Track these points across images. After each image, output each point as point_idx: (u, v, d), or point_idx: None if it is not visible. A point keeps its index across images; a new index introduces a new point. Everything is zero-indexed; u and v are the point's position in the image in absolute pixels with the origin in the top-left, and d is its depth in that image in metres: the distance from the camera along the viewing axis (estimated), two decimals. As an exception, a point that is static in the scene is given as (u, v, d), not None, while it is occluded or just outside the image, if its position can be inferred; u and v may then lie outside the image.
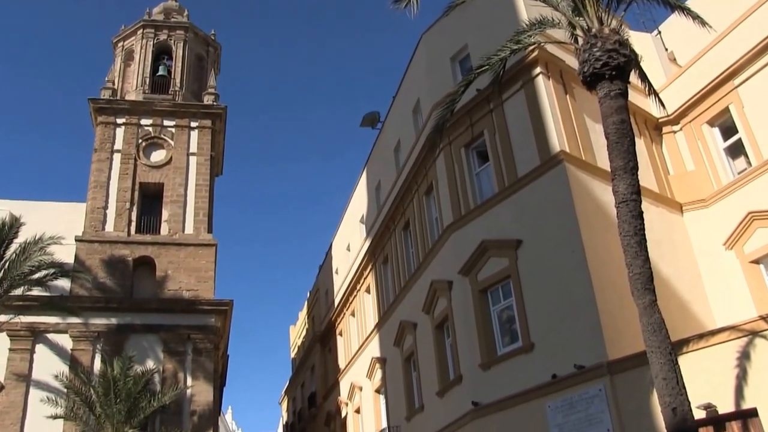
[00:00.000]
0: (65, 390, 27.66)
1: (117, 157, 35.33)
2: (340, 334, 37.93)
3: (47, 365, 29.40)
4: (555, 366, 17.48)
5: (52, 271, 26.98)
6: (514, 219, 20.16)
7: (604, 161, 17.46)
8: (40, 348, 30.22)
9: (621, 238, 12.61)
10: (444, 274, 22.61)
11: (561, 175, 19.06)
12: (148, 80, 38.66)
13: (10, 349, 29.68)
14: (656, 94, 18.05)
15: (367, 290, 33.12)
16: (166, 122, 36.87)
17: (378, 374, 29.87)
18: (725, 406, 13.97)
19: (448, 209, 22.86)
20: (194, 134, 36.95)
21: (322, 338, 42.17)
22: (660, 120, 23.21)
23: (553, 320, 18.10)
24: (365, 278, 33.18)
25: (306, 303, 50.92)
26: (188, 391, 30.35)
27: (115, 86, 38.20)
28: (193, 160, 36.20)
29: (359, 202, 35.40)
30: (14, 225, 26.21)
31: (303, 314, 52.25)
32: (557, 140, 19.50)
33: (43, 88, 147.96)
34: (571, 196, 18.56)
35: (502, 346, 19.81)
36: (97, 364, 29.75)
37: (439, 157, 23.72)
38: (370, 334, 31.47)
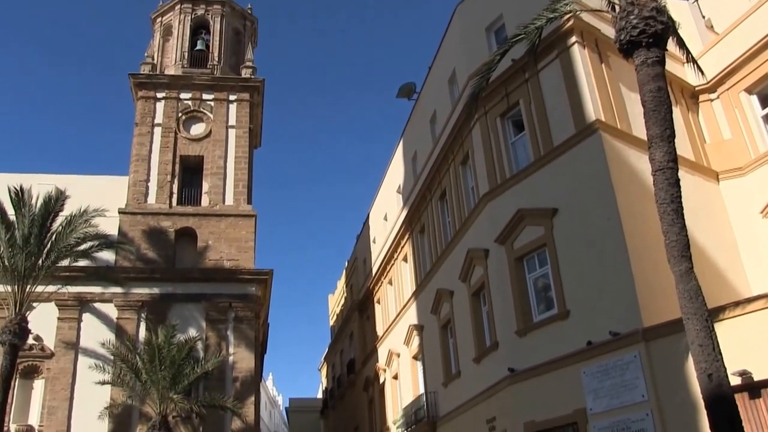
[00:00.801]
0: (112, 357, 28.43)
1: (158, 130, 35.82)
2: (378, 302, 38.40)
3: (94, 333, 30.26)
4: (590, 333, 17.66)
5: (96, 242, 27.78)
6: (549, 187, 20.24)
7: (639, 130, 17.50)
8: (86, 317, 31.07)
9: (657, 205, 12.55)
10: (480, 243, 22.81)
11: (596, 143, 19.07)
12: (186, 55, 38.96)
13: (59, 318, 30.59)
14: (695, 61, 17.75)
15: (405, 259, 33.41)
16: (205, 96, 37.22)
17: (415, 341, 30.27)
18: (761, 373, 14.00)
19: (484, 178, 22.99)
20: (233, 107, 37.29)
21: (361, 306, 42.71)
22: (697, 88, 22.94)
23: (588, 288, 18.24)
24: (402, 247, 33.48)
25: (344, 272, 51.35)
26: (230, 359, 31.00)
27: (155, 61, 38.63)
28: (232, 132, 36.56)
29: (396, 172, 35.59)
30: (60, 198, 26.87)
31: (341, 283, 52.70)
32: (593, 109, 19.48)
33: (84, 65, 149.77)
34: (607, 164, 18.59)
35: (538, 314, 20.03)
36: (142, 333, 30.52)
37: (475, 126, 23.78)
38: (407, 302, 31.82)
